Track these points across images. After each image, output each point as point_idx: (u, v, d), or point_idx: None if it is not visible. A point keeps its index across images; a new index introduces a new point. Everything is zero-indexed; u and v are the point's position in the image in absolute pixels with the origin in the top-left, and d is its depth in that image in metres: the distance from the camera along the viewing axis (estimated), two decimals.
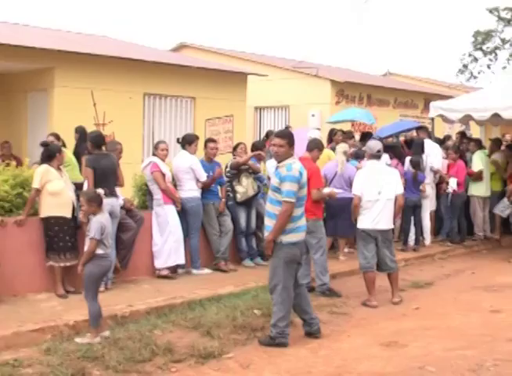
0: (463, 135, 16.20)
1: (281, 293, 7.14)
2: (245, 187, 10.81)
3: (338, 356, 6.93)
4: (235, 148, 11.60)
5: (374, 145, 9.43)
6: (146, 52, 17.57)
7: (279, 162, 7.22)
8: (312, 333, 7.47)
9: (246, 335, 7.42)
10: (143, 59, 15.15)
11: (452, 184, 13.23)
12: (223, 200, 10.73)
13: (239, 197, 10.79)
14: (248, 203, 10.90)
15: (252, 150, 11.34)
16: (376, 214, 8.94)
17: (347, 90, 20.94)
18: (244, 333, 7.48)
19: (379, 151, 9.27)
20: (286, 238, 7.09)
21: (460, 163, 13.57)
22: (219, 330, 7.44)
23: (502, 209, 14.14)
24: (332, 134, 14.00)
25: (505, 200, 14.04)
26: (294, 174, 7.03)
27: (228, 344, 7.11)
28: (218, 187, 10.71)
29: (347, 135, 14.29)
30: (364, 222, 9.04)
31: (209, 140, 11.00)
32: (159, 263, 9.89)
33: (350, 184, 10.50)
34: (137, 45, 19.45)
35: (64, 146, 9.56)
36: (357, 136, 16.01)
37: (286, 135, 7.32)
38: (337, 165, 11.33)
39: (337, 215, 10.98)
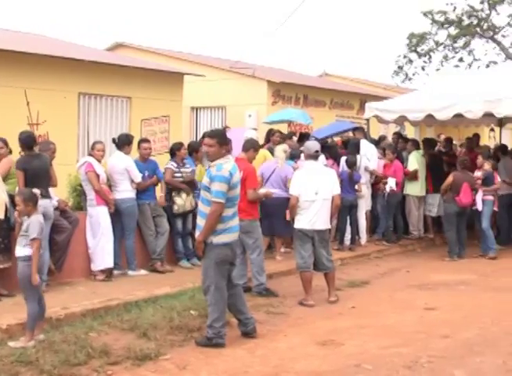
0: (399, 135, 16.42)
1: (214, 294, 7.13)
2: (184, 201, 10.76)
3: (275, 355, 6.93)
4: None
5: (312, 145, 9.48)
6: (81, 51, 17.32)
7: (211, 162, 7.20)
8: (248, 333, 7.47)
9: (183, 336, 7.38)
10: (78, 58, 14.92)
11: (391, 184, 13.38)
12: (161, 194, 10.70)
13: (176, 208, 10.75)
14: None
15: (188, 151, 11.31)
16: (313, 214, 8.97)
17: (283, 90, 21.01)
18: (181, 334, 7.43)
19: (317, 152, 9.31)
20: (217, 239, 7.06)
21: (397, 163, 13.74)
22: (156, 331, 7.38)
23: (430, 208, 14.39)
24: (270, 134, 14.03)
25: (429, 199, 14.28)
26: (224, 174, 6.99)
27: (165, 345, 7.05)
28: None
29: (287, 136, 14.36)
30: (301, 222, 9.06)
31: (142, 140, 10.96)
32: (94, 266, 9.79)
33: (286, 184, 10.55)
34: (73, 44, 19.16)
35: (11, 152, 9.25)
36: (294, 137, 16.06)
37: (216, 135, 7.28)
38: (275, 164, 11.38)
39: (273, 215, 11.00)
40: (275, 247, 11.80)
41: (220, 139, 7.17)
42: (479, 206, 12.80)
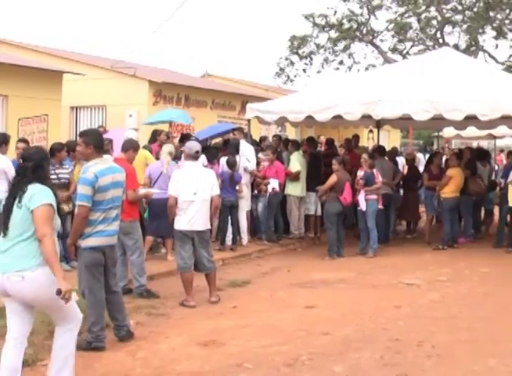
0: (279, 137, 16.56)
1: (89, 298, 7.03)
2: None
3: (156, 357, 6.87)
4: None
5: (193, 146, 9.45)
6: None
7: (86, 162, 7.07)
8: (120, 339, 7.34)
9: None
10: None
11: (274, 185, 13.48)
12: None
13: None
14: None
15: (67, 150, 11.04)
16: (192, 215, 8.92)
17: (165, 90, 20.85)
18: None
19: (197, 152, 9.29)
20: (84, 243, 6.93)
21: (278, 164, 13.85)
22: (33, 336, 7.13)
23: (309, 207, 14.61)
24: (156, 134, 13.96)
25: (306, 198, 14.48)
26: (87, 176, 6.84)
27: (43, 350, 6.81)
28: None
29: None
30: (180, 223, 9.00)
31: (19, 140, 10.74)
32: None
33: None
34: None
35: None
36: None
37: (83, 134, 7.17)
38: (163, 165, 11.30)
39: (161, 216, 10.89)
40: (166, 248, 11.70)
41: (87, 138, 7.00)
42: (363, 206, 13.01)
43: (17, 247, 5.35)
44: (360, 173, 13.23)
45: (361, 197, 13.02)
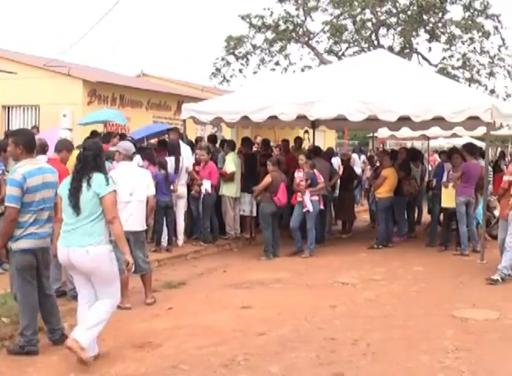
0: (214, 137, 16.52)
1: (21, 301, 6.91)
2: None
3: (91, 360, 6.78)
4: None
5: (128, 146, 9.37)
6: None
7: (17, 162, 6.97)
8: (54, 342, 7.24)
9: None
10: None
11: (206, 186, 13.43)
12: None
13: None
14: None
15: None
16: (128, 215, 8.82)
17: (99, 90, 20.64)
18: None
19: (133, 153, 9.21)
20: (15, 245, 6.80)
21: (212, 164, 13.81)
22: None
23: (244, 208, 14.63)
24: (110, 136, 13.86)
25: (240, 199, 14.49)
26: (15, 177, 6.73)
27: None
28: None
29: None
30: None
31: None
32: None
33: None
34: None
35: None
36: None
37: (12, 134, 7.09)
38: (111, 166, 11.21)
39: None
40: None
41: (17, 138, 6.89)
42: (310, 207, 12.98)
43: (86, 226, 6.47)
44: (299, 174, 13.22)
45: (307, 198, 12.99)
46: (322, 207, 13.49)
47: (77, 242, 6.47)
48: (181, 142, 13.85)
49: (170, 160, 13.12)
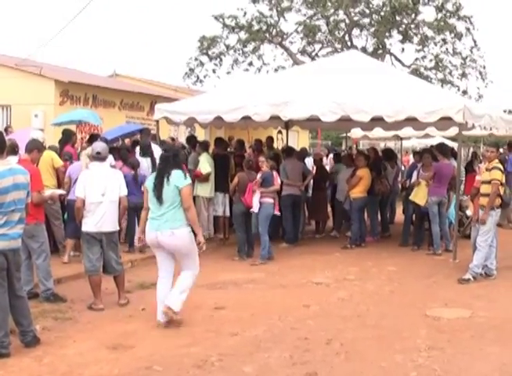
0: (190, 138, 16.48)
1: None
2: None
3: (63, 362, 6.76)
4: None
5: (94, 146, 9.32)
6: None
7: None
8: (26, 344, 7.18)
9: None
10: None
11: None
12: None
13: None
14: None
15: None
16: (100, 216, 8.78)
17: (72, 90, 20.50)
18: None
19: (98, 153, 9.11)
20: None
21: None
22: None
23: (216, 208, 14.59)
24: (70, 134, 13.78)
25: (213, 199, 14.45)
26: None
27: None
28: None
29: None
30: (88, 225, 8.84)
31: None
32: None
33: None
34: None
35: None
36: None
37: None
38: (82, 167, 11.15)
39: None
40: (66, 249, 11.50)
41: None
42: (255, 208, 12.62)
43: (169, 213, 7.90)
44: (259, 175, 13.14)
45: (255, 199, 12.62)
46: (277, 212, 13.10)
47: (164, 226, 7.89)
48: (153, 143, 13.79)
49: (146, 161, 13.05)
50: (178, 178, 7.90)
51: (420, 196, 13.60)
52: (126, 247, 12.45)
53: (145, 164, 13.03)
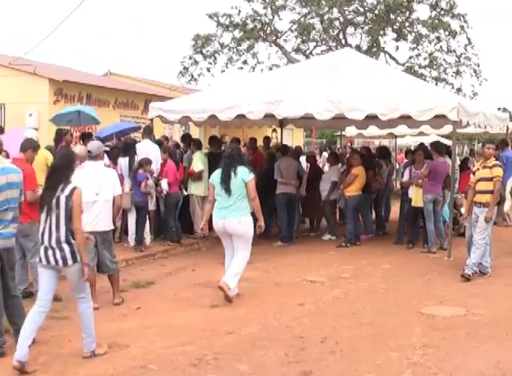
0: (185, 136, 16.46)
1: None
2: None
3: (58, 361, 6.78)
4: None
5: (91, 146, 9.30)
6: None
7: None
8: None
9: None
10: None
11: (164, 185, 13.30)
12: None
13: None
14: None
15: None
16: (95, 215, 8.75)
17: (66, 89, 20.49)
18: None
19: (89, 152, 9.09)
20: None
21: (170, 163, 13.64)
22: None
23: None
24: (62, 134, 13.69)
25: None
26: None
27: None
28: None
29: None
30: (82, 224, 8.81)
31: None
32: None
33: None
34: None
35: None
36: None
37: None
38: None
39: None
40: None
41: None
42: None
43: (237, 203, 9.13)
44: None
45: None
46: None
47: (231, 215, 9.12)
48: (148, 141, 13.74)
49: (124, 161, 12.97)
50: (244, 173, 9.16)
51: (421, 199, 13.54)
52: (120, 246, 12.39)
53: (123, 163, 12.95)
